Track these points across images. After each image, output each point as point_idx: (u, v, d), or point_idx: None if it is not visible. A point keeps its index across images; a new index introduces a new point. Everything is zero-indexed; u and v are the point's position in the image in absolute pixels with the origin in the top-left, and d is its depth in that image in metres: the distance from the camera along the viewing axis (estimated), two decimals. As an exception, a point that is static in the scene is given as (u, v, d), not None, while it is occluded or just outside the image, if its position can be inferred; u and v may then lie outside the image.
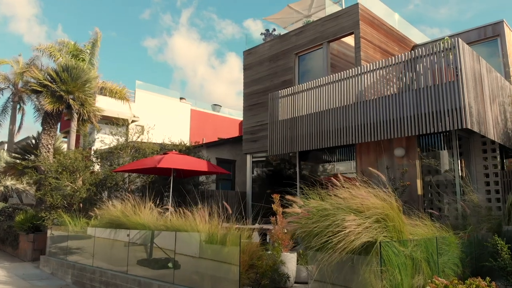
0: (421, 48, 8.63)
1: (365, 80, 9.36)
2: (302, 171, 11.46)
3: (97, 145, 16.66)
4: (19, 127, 24.81)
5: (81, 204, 11.85)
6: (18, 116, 24.45)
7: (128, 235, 8.03)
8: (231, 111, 32.01)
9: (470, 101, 7.85)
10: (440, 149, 9.15)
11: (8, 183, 17.36)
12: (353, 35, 11.46)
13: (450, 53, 8.04)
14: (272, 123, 11.37)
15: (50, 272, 10.65)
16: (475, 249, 5.61)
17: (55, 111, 14.88)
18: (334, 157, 11.18)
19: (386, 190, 4.60)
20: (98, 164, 14.23)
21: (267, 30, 14.46)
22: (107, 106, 19.29)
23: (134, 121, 22.66)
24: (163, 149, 13.43)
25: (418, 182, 8.74)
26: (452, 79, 7.94)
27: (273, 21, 15.29)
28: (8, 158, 19.04)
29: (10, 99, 23.80)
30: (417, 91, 8.42)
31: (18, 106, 24.21)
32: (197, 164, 10.70)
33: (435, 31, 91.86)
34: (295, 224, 4.55)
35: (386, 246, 3.90)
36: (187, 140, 17.68)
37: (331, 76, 10.13)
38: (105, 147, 14.45)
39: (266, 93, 12.71)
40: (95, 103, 16.68)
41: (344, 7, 12.33)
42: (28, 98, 22.93)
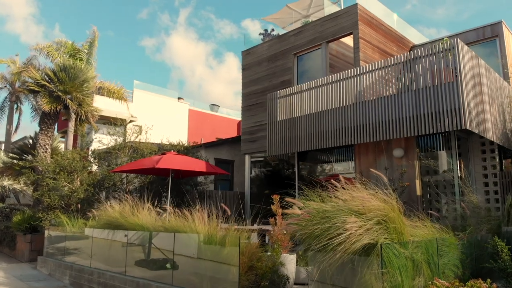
0: (420, 49, 8.62)
1: (364, 81, 9.36)
2: (301, 172, 11.45)
3: (95, 145, 16.59)
4: (16, 127, 24.70)
5: (79, 205, 11.79)
6: (15, 116, 24.38)
7: (126, 235, 7.99)
8: (229, 111, 31.96)
9: (469, 102, 7.85)
10: (439, 150, 9.15)
11: (5, 183, 17.27)
12: (352, 36, 11.46)
13: (449, 54, 8.04)
14: (271, 124, 11.35)
15: (48, 273, 10.60)
16: (475, 250, 5.60)
17: (53, 111, 14.84)
18: (333, 158, 11.18)
19: (387, 191, 4.58)
20: (96, 165, 14.17)
21: (266, 30, 14.44)
22: (105, 106, 19.21)
23: (132, 121, 22.59)
24: (161, 150, 13.38)
25: (417, 183, 8.73)
26: (451, 80, 7.94)
27: (272, 21, 15.27)
28: (5, 158, 18.95)
29: (7, 99, 23.70)
30: (416, 92, 8.42)
31: (15, 106, 24.12)
32: (196, 165, 10.67)
33: (432, 31, 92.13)
34: (295, 226, 4.53)
35: (387, 248, 3.89)
36: (185, 140, 17.62)
37: (330, 77, 10.11)
38: (103, 147, 14.39)
39: (265, 94, 12.70)
40: (93, 103, 16.60)
41: (343, 7, 12.33)
42: (26, 98, 22.83)
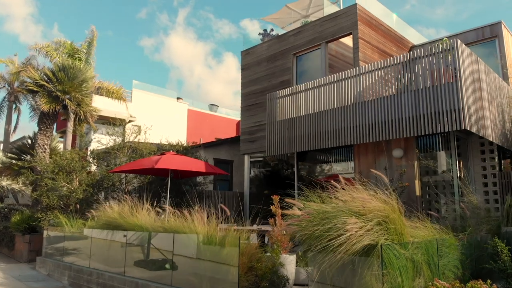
0: (420, 49, 8.62)
1: (364, 81, 9.35)
2: (300, 172, 11.44)
3: (94, 146, 16.58)
4: (15, 127, 24.64)
5: (78, 205, 11.76)
6: (14, 116, 24.30)
7: (125, 236, 7.98)
8: (228, 111, 31.93)
9: (469, 102, 7.85)
10: (438, 150, 9.15)
11: (4, 184, 17.22)
12: (351, 36, 11.45)
13: (449, 54, 8.04)
14: (270, 124, 11.34)
15: (47, 274, 10.57)
16: (475, 251, 5.60)
17: (52, 111, 14.81)
18: (332, 158, 11.18)
19: (387, 192, 4.57)
20: (95, 165, 14.14)
21: (265, 30, 14.43)
22: (104, 106, 19.18)
23: (131, 121, 22.56)
24: (160, 150, 13.37)
25: (416, 183, 8.73)
26: (451, 80, 7.94)
27: (271, 21, 15.26)
28: (4, 158, 18.91)
29: (6, 99, 23.64)
30: (416, 92, 8.42)
31: (14, 106, 24.05)
32: (195, 165, 10.66)
33: (431, 32, 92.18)
34: (295, 227, 4.52)
35: (388, 249, 3.88)
36: (184, 140, 17.59)
37: (330, 77, 10.11)
38: (102, 148, 14.36)
39: (264, 94, 12.69)
40: (92, 103, 16.58)
41: (342, 8, 12.31)
42: (24, 98, 22.76)
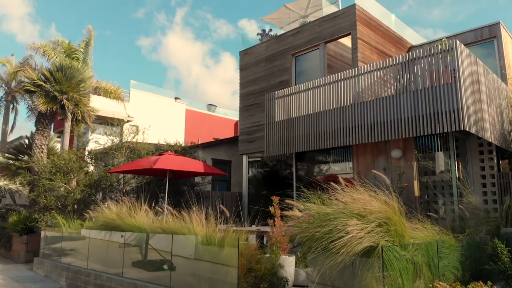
0: (419, 50, 8.62)
1: (362, 82, 9.34)
2: (299, 172, 11.43)
3: (92, 146, 16.51)
4: (12, 127, 24.52)
5: (75, 206, 11.71)
6: (11, 116, 24.19)
7: (123, 236, 7.94)
8: (226, 111, 31.92)
9: (468, 103, 7.85)
10: (437, 151, 9.15)
11: (1, 184, 17.10)
12: (350, 36, 11.44)
13: (448, 55, 8.04)
14: (269, 124, 11.33)
15: (44, 275, 10.52)
16: (475, 252, 5.59)
17: (49, 111, 14.73)
18: (331, 158, 11.16)
19: (388, 193, 4.56)
20: (93, 165, 14.08)
21: (264, 31, 14.41)
22: (102, 106, 19.11)
23: (129, 121, 22.50)
24: (158, 150, 13.33)
25: (415, 184, 8.73)
26: (450, 81, 7.94)
27: (270, 21, 15.24)
28: (1, 158, 18.78)
29: (3, 99, 23.51)
30: (415, 93, 8.41)
31: (11, 106, 23.93)
32: (193, 165, 10.62)
33: (429, 32, 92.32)
34: (296, 228, 4.50)
35: (388, 251, 3.86)
36: (182, 141, 17.55)
37: (328, 77, 10.09)
38: (100, 148, 14.31)
39: (263, 94, 12.67)
40: (90, 103, 16.51)
41: (341, 8, 12.30)
42: (22, 98, 22.65)
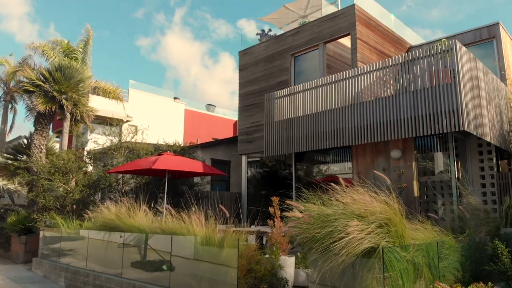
0: (418, 50, 8.61)
1: (362, 82, 9.34)
2: (298, 172, 11.42)
3: (91, 146, 16.46)
4: (11, 127, 24.41)
5: (74, 206, 11.69)
6: (10, 116, 24.11)
7: (122, 236, 7.92)
8: (225, 111, 31.90)
9: (467, 103, 7.85)
10: (436, 151, 9.15)
11: (0, 184, 17.10)
12: (350, 36, 11.43)
13: (448, 55, 8.03)
14: (268, 124, 11.31)
15: (43, 275, 10.49)
16: (474, 253, 5.59)
17: (48, 111, 14.69)
18: (330, 159, 11.16)
19: (388, 194, 4.55)
20: (92, 165, 14.05)
21: (263, 31, 14.40)
22: (101, 106, 19.06)
23: (128, 121, 22.46)
24: (158, 150, 13.31)
25: (415, 184, 8.73)
26: (449, 81, 7.93)
27: (269, 21, 15.23)
28: (0, 159, 18.75)
29: (2, 99, 23.42)
30: (414, 93, 8.41)
31: (10, 106, 23.86)
32: (192, 165, 10.61)
33: (427, 32, 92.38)
34: (296, 229, 4.48)
35: (389, 252, 3.85)
36: (181, 141, 17.55)
37: (328, 77, 10.09)
38: (99, 148, 14.28)
39: (262, 94, 12.65)
40: (89, 103, 16.46)
41: (340, 8, 12.30)
42: (20, 97, 22.58)
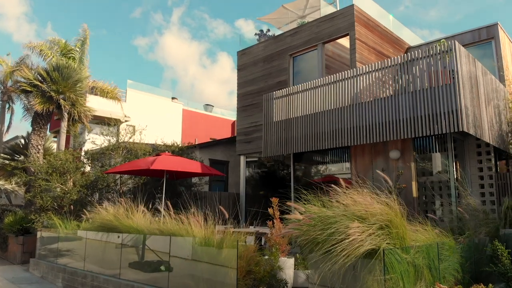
0: (417, 50, 8.60)
1: (361, 82, 9.32)
2: (296, 173, 11.40)
3: (88, 146, 16.39)
4: (8, 127, 24.26)
5: (72, 206, 11.62)
6: (7, 116, 23.97)
7: (119, 237, 7.88)
8: (223, 111, 31.85)
9: (467, 104, 7.84)
10: (435, 152, 9.15)
11: (-3, 184, 17.04)
12: (348, 37, 11.42)
13: (447, 56, 8.03)
14: (267, 124, 11.29)
15: (40, 276, 10.43)
16: (474, 254, 5.58)
17: (45, 111, 14.64)
18: (328, 159, 11.14)
19: (389, 195, 4.53)
20: (89, 165, 13.99)
21: (261, 31, 14.37)
22: (99, 106, 18.98)
23: (126, 121, 22.39)
24: (156, 150, 13.26)
25: (413, 185, 8.72)
26: (448, 82, 7.93)
27: (267, 22, 15.20)
28: (-3, 158, 18.69)
29: (-1, 99, 23.35)
30: (413, 94, 8.40)
31: (7, 105, 23.74)
32: (191, 166, 10.57)
33: (425, 33, 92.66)
34: (296, 231, 4.46)
35: (390, 254, 3.84)
36: (179, 141, 17.50)
37: (327, 78, 10.07)
38: (96, 148, 14.22)
39: (260, 94, 12.63)
40: (86, 103, 16.41)
41: (339, 8, 12.29)
42: (18, 97, 22.46)
